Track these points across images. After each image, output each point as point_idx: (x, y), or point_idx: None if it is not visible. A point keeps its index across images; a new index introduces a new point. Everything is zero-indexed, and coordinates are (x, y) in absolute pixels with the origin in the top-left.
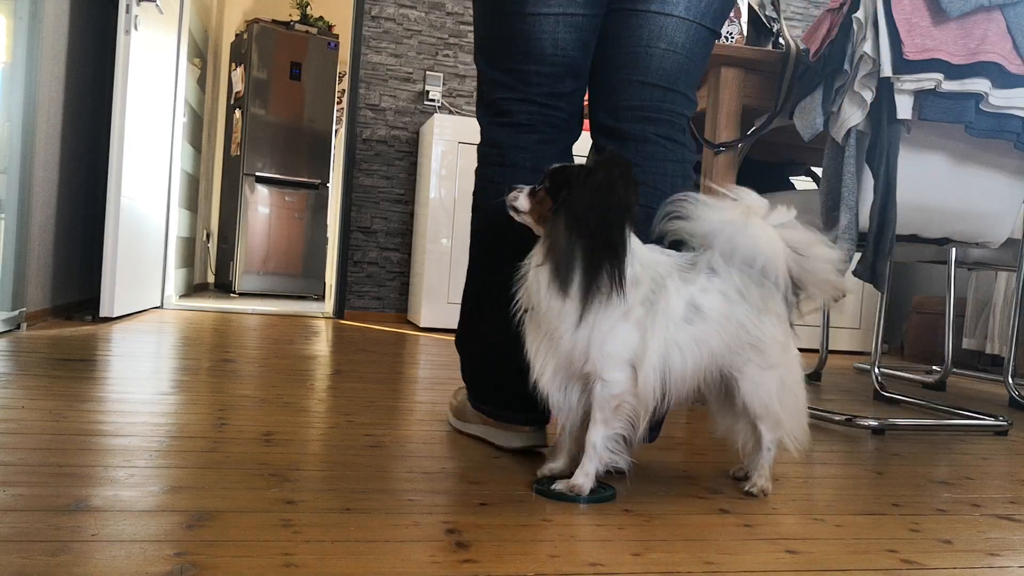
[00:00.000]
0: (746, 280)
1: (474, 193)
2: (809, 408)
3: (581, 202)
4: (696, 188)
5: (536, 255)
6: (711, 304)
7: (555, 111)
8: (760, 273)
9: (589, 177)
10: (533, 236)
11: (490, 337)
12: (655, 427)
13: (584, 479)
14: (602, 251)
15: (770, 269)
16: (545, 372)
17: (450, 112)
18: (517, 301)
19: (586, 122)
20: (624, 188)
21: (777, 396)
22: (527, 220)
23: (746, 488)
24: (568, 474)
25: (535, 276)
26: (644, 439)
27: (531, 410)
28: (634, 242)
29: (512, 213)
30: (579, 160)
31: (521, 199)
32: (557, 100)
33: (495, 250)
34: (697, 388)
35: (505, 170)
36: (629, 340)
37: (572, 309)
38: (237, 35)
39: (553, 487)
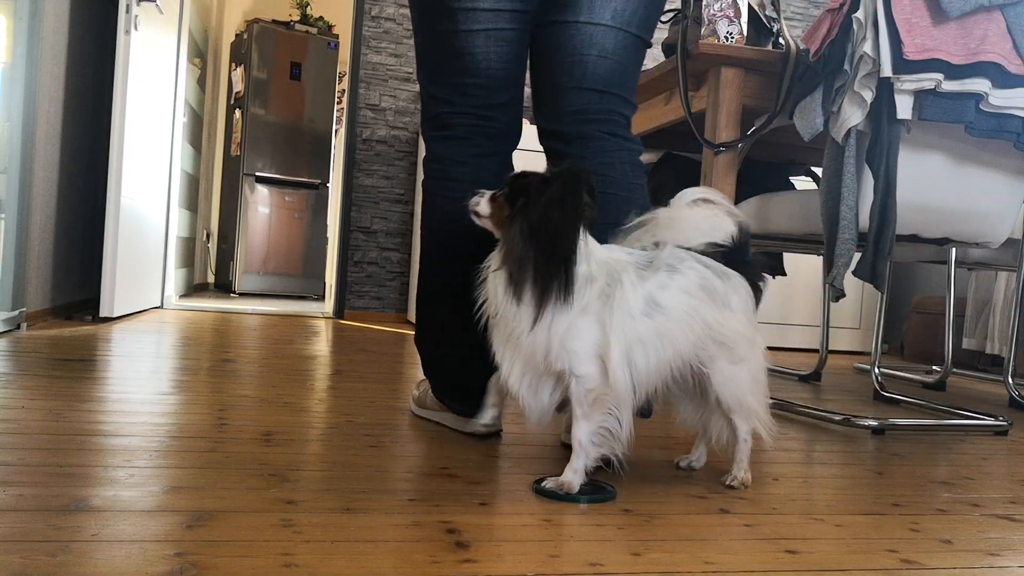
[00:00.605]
0: (709, 276)
1: (422, 204)
2: (809, 408)
3: (536, 212)
4: (647, 177)
5: (494, 260)
6: (672, 300)
7: (492, 122)
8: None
9: (545, 187)
10: (479, 242)
11: (442, 340)
12: (646, 409)
13: (573, 476)
14: (552, 259)
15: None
16: (513, 373)
17: None
18: (482, 304)
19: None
20: (577, 200)
21: (749, 389)
22: (487, 224)
23: (727, 481)
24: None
25: (493, 280)
26: (641, 415)
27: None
28: (589, 241)
29: (474, 217)
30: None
31: (483, 204)
32: (493, 111)
33: (443, 258)
34: (673, 380)
35: (447, 183)
36: (590, 334)
37: (527, 312)
38: (237, 35)
39: (543, 484)
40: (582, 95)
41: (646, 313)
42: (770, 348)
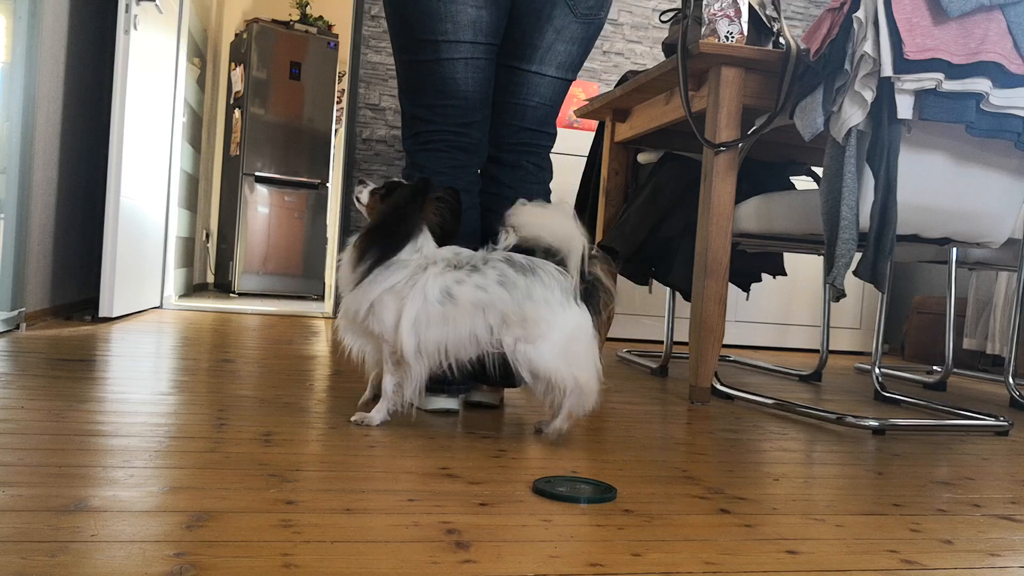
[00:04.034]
0: (511, 273)
1: None
2: (810, 408)
3: (385, 207)
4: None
5: (355, 237)
6: (463, 294)
7: (466, 137)
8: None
9: (403, 193)
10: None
11: None
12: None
13: (376, 414)
14: (379, 241)
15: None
16: (342, 325)
17: None
18: (337, 271)
19: None
20: (412, 204)
21: (554, 357)
22: (362, 210)
23: (545, 431)
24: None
25: (348, 253)
26: (511, 384)
27: (446, 387)
28: (427, 241)
29: (356, 202)
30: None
31: (364, 194)
32: (468, 127)
33: None
34: (473, 355)
35: None
36: (393, 308)
37: (353, 279)
38: (237, 35)
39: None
40: (520, 132)
41: (439, 300)
42: (770, 348)
